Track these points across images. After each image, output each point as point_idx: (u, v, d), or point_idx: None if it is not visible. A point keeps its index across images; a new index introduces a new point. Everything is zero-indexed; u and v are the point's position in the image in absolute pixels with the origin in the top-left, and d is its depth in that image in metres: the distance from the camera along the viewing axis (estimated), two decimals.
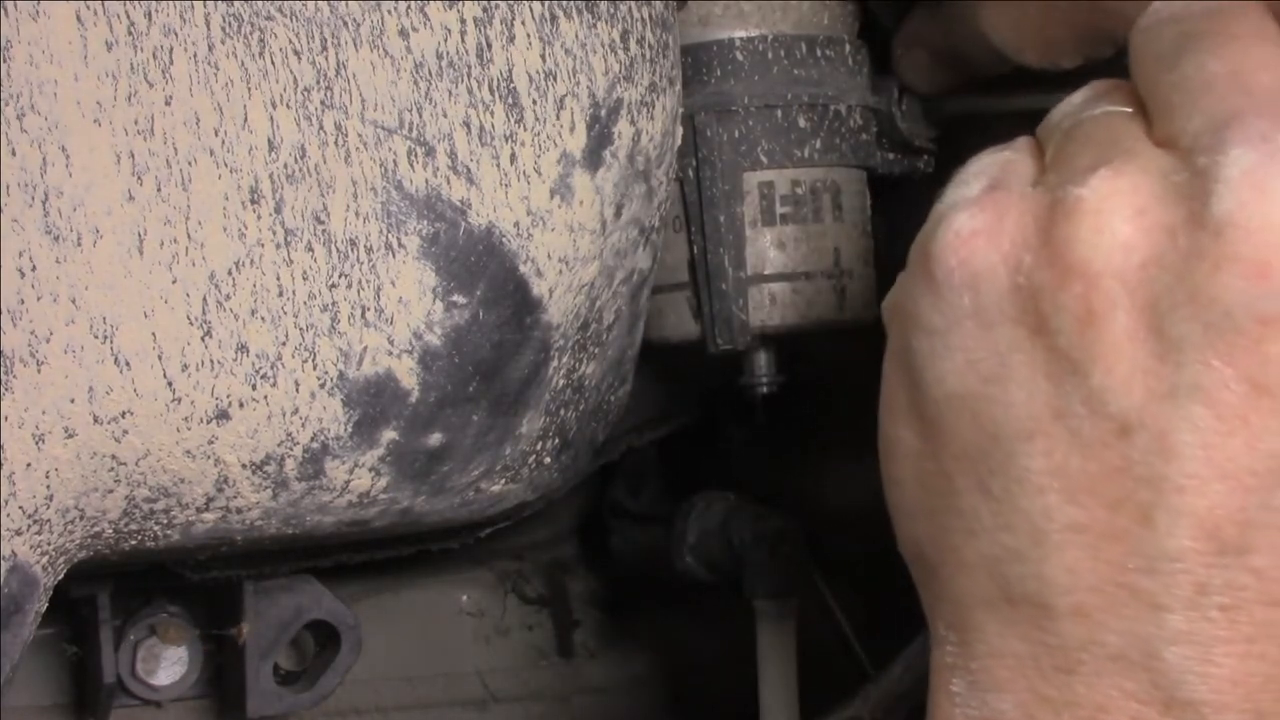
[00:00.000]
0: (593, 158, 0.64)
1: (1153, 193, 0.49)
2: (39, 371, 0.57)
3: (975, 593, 0.52)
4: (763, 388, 0.78)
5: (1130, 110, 0.53)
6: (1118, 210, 0.49)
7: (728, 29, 0.75)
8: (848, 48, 0.76)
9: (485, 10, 0.61)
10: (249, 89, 0.58)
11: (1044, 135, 0.55)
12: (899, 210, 0.86)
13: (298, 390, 0.60)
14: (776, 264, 0.75)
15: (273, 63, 0.58)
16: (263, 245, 0.59)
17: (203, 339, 0.58)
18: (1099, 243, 0.49)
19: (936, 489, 0.53)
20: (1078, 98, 0.55)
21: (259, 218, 0.59)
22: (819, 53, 0.75)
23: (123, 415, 0.58)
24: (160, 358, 0.58)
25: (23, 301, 0.56)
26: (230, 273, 0.58)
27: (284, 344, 0.60)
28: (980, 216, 0.51)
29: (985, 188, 0.53)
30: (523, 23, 0.62)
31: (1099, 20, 0.65)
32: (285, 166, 0.59)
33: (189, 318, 0.58)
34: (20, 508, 0.58)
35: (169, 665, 0.83)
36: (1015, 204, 0.51)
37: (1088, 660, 0.50)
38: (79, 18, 0.56)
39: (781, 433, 0.87)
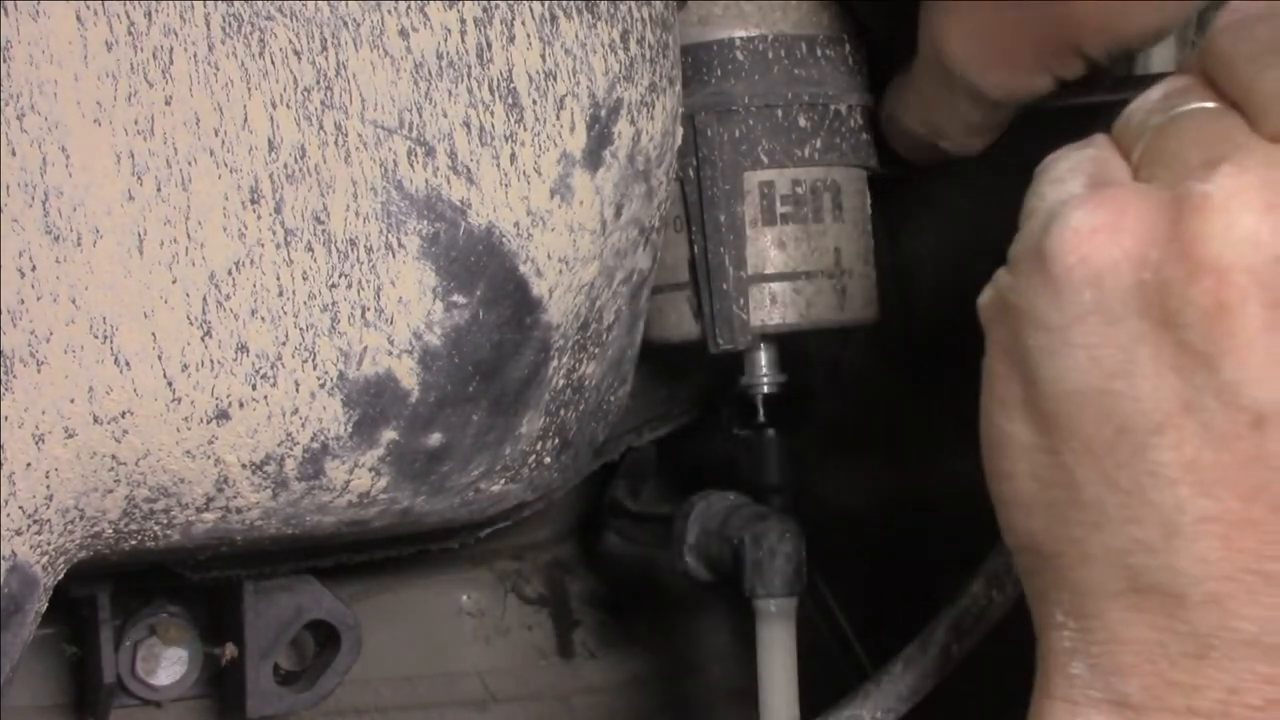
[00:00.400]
0: (593, 158, 0.64)
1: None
2: (39, 371, 0.57)
3: (1099, 583, 0.53)
4: (763, 387, 0.78)
5: (1222, 106, 0.53)
6: (1247, 206, 0.49)
7: (728, 28, 0.75)
8: (848, 47, 0.76)
9: (485, 10, 0.61)
10: (249, 89, 0.58)
11: (1124, 133, 0.55)
12: (899, 210, 0.86)
13: (298, 390, 0.60)
14: (777, 263, 0.75)
15: (273, 63, 0.58)
16: (263, 245, 0.59)
17: (203, 339, 0.58)
18: (1229, 238, 0.49)
19: (1055, 481, 0.54)
20: (1154, 94, 0.55)
21: (259, 218, 0.59)
22: (819, 52, 0.75)
23: (123, 415, 0.58)
24: (160, 358, 0.58)
25: (23, 301, 0.56)
26: (230, 273, 0.58)
27: (284, 344, 0.60)
28: (1099, 213, 0.52)
29: (1089, 184, 0.53)
30: (523, 23, 0.62)
31: (1060, 28, 0.64)
32: (285, 166, 0.59)
33: (189, 318, 0.58)
34: (20, 508, 0.58)
35: (169, 665, 0.83)
36: (1135, 200, 0.51)
37: (1219, 645, 0.51)
38: (79, 18, 0.56)
39: (782, 432, 0.87)
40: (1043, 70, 0.66)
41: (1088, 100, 0.69)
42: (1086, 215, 0.52)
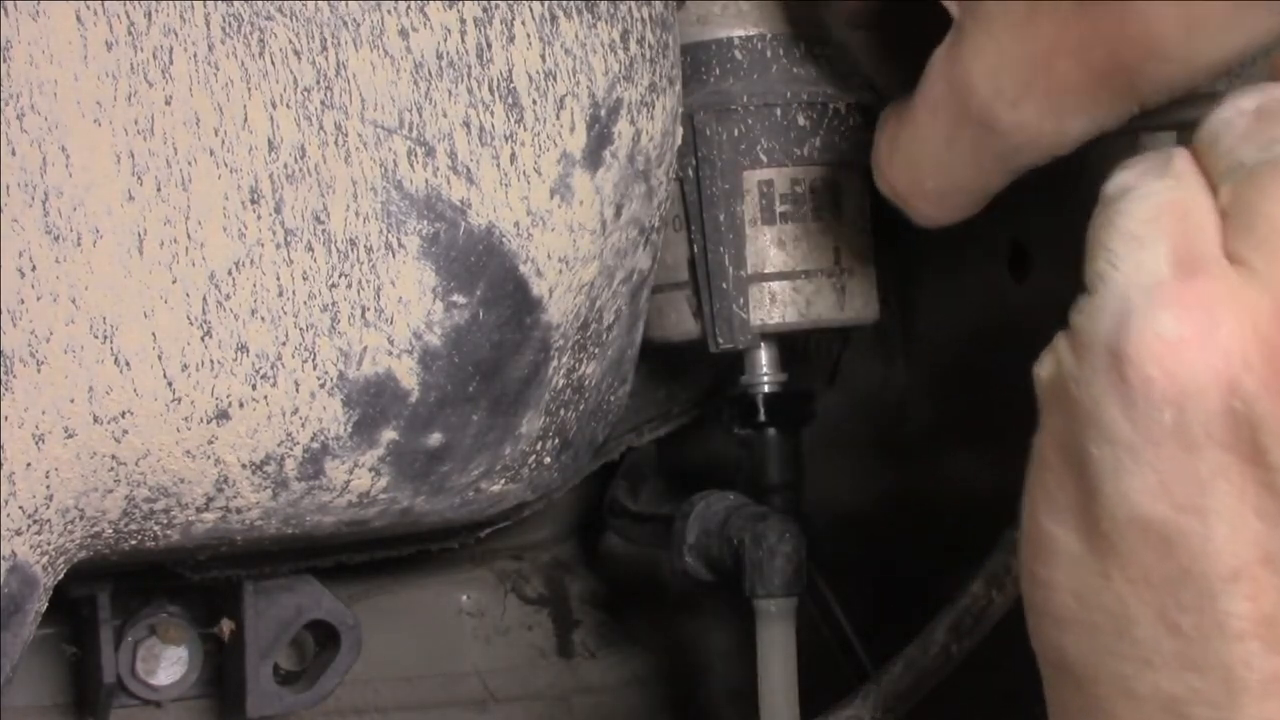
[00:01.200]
0: (593, 158, 0.64)
1: None
2: (39, 371, 0.57)
3: None
4: (763, 387, 0.78)
5: None
6: None
7: (726, 28, 0.75)
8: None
9: (485, 10, 0.61)
10: (249, 89, 0.58)
11: (1209, 156, 0.48)
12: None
13: (298, 390, 0.60)
14: (776, 262, 0.75)
15: (273, 63, 0.58)
16: (263, 245, 0.59)
17: (203, 339, 0.58)
18: None
19: (1101, 607, 0.48)
20: (1248, 104, 0.48)
21: (259, 218, 0.59)
22: (818, 51, 0.75)
23: (123, 415, 0.58)
24: (160, 358, 0.58)
25: (23, 301, 0.56)
26: (230, 273, 0.58)
27: (284, 344, 0.60)
28: (1188, 319, 0.45)
29: (1173, 260, 0.47)
30: (523, 23, 0.62)
31: (1126, 50, 0.51)
32: (285, 166, 0.59)
33: (189, 318, 0.58)
34: (20, 508, 0.58)
35: (169, 665, 0.83)
36: (1230, 305, 0.45)
37: None
38: (79, 18, 0.56)
39: (782, 432, 0.87)
40: (1081, 106, 0.53)
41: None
42: (1173, 322, 0.45)
